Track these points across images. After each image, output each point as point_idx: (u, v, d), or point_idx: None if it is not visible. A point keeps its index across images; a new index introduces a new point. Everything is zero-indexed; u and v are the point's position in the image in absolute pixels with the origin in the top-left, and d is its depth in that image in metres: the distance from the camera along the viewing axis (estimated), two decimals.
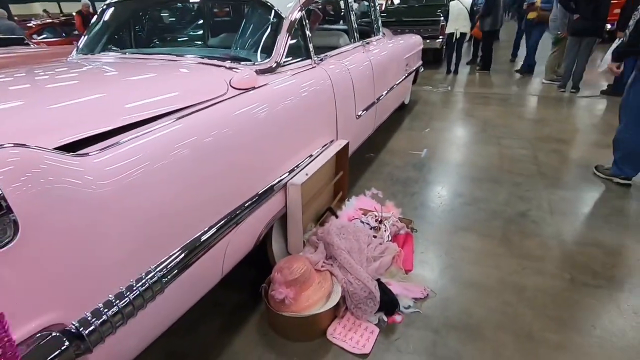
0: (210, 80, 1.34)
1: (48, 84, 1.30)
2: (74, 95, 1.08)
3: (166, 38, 2.30)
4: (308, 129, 1.67)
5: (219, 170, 1.14)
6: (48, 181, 0.70)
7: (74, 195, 0.74)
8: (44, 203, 0.70)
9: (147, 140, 0.94)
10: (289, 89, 1.54)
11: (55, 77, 1.40)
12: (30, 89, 1.23)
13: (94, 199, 0.77)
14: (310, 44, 1.82)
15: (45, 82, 1.33)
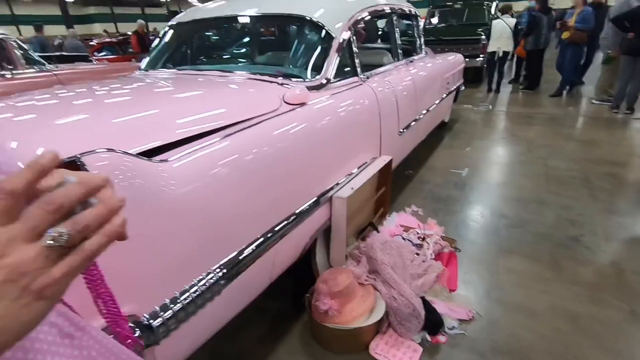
0: (265, 96, 1.42)
1: (119, 97, 1.44)
2: (145, 108, 1.19)
3: (221, 55, 2.46)
4: (354, 144, 1.71)
5: (273, 181, 1.19)
6: (134, 182, 0.78)
7: (154, 195, 0.81)
8: (130, 202, 0.77)
9: (215, 149, 1.01)
10: (338, 106, 1.59)
11: (127, 91, 1.54)
12: (106, 101, 1.36)
13: (171, 200, 0.85)
14: (357, 62, 1.88)
15: (117, 95, 1.47)
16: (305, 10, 1.78)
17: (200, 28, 2.25)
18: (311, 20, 1.73)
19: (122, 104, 1.28)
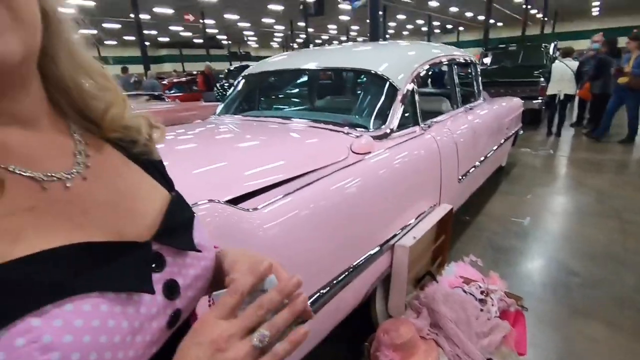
0: (334, 145, 1.51)
1: (203, 146, 1.60)
2: (227, 157, 1.32)
3: (289, 104, 2.65)
4: (416, 192, 1.72)
5: (341, 229, 1.24)
6: (230, 228, 0.87)
7: (246, 237, 0.89)
8: (224, 238, 0.86)
9: (295, 198, 1.09)
10: (400, 155, 1.64)
11: (208, 139, 1.71)
12: (193, 150, 1.53)
13: (259, 241, 0.92)
14: (418, 112, 1.94)
15: (200, 143, 1.65)
16: (371, 64, 1.89)
17: (270, 79, 2.46)
18: (376, 73, 1.83)
19: (206, 153, 1.43)
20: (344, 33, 31.88)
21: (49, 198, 0.31)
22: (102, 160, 0.38)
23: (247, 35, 32.17)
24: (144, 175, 0.42)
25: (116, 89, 0.40)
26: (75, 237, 0.31)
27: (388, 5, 18.96)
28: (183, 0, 17.26)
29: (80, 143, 0.37)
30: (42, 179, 0.31)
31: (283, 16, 22.93)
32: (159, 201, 0.41)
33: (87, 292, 0.29)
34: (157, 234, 0.37)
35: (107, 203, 0.35)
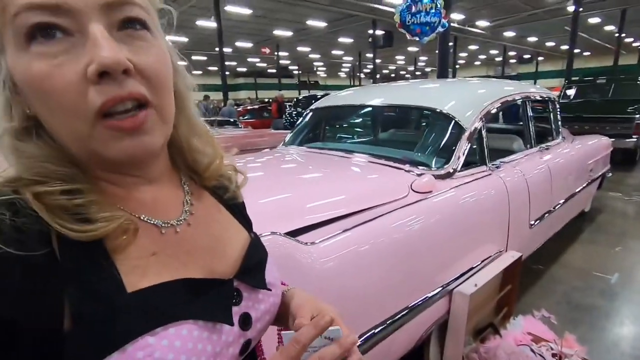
0: (395, 182, 1.51)
1: (267, 174, 1.72)
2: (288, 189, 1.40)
3: (351, 138, 2.73)
4: (479, 236, 1.64)
5: (397, 269, 1.23)
6: (289, 260, 0.92)
7: (303, 270, 0.94)
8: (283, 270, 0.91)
9: (351, 234, 1.12)
10: (464, 196, 1.58)
11: (272, 168, 1.83)
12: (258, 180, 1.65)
13: (314, 277, 0.96)
14: (486, 151, 1.86)
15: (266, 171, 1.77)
16: (437, 102, 1.89)
17: (336, 113, 2.57)
18: (441, 112, 1.82)
19: (271, 183, 1.54)
20: (412, 63, 31.91)
21: (165, 241, 0.39)
22: (202, 207, 0.46)
23: (316, 66, 33.82)
24: (231, 219, 0.50)
25: (215, 145, 0.49)
26: (180, 273, 0.38)
27: (459, 36, 18.67)
28: (261, 36, 18.87)
29: (188, 194, 0.45)
30: (162, 225, 0.40)
31: (352, 48, 23.77)
32: (241, 243, 0.48)
33: (185, 320, 0.35)
34: (237, 273, 0.44)
35: (204, 245, 0.43)
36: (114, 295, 0.32)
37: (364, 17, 14.67)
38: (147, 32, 0.34)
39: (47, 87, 0.30)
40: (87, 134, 0.32)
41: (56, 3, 0.29)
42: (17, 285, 0.29)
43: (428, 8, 4.35)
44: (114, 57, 0.29)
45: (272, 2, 12.87)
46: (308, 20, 15.65)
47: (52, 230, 0.31)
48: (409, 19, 4.46)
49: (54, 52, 0.30)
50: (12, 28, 0.30)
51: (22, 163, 0.33)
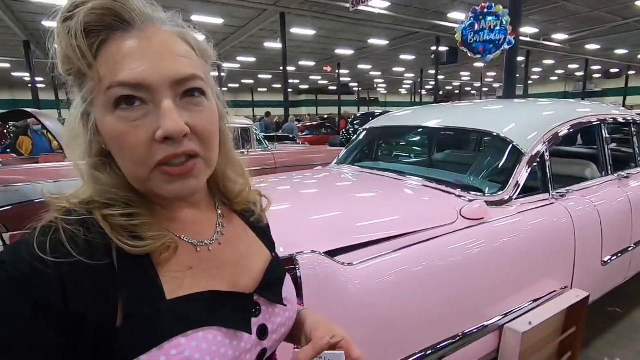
0: (442, 207, 1.48)
1: (317, 192, 1.78)
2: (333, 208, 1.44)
3: (402, 159, 2.71)
4: (536, 270, 1.52)
5: (442, 297, 1.20)
6: (326, 279, 0.96)
7: (339, 291, 0.97)
8: (319, 289, 0.95)
9: (392, 257, 1.12)
10: (520, 226, 1.49)
11: (322, 186, 1.89)
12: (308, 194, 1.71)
13: (351, 297, 0.98)
14: (549, 178, 1.73)
15: (316, 189, 1.83)
16: (494, 125, 1.81)
17: (390, 133, 2.57)
18: (498, 136, 1.74)
19: (319, 201, 1.59)
20: (478, 79, 30.45)
21: (199, 257, 0.47)
22: (232, 228, 0.54)
23: (377, 82, 33.87)
24: (256, 239, 0.56)
25: (246, 175, 0.56)
26: (210, 286, 0.45)
27: (532, 50, 17.46)
28: (323, 55, 19.50)
29: (220, 216, 0.53)
30: (197, 244, 0.47)
31: (413, 64, 23.46)
32: (263, 261, 0.54)
33: (211, 326, 0.41)
34: (257, 288, 0.50)
35: (231, 262, 0.50)
36: (156, 300, 0.40)
37: (427, 34, 14.46)
38: (203, 97, 0.43)
39: (124, 143, 0.39)
40: (146, 177, 0.41)
41: (139, 82, 0.38)
42: (87, 287, 0.37)
43: (492, 25, 4.17)
44: (176, 128, 0.38)
45: (335, 23, 13.29)
46: (370, 39, 15.85)
47: (113, 245, 0.39)
48: (471, 37, 4.31)
49: (132, 117, 0.39)
50: (104, 96, 0.39)
51: (96, 188, 0.42)
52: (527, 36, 14.35)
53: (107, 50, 0.39)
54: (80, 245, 0.38)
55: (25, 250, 0.37)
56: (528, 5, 11.25)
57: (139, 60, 0.38)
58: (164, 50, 0.39)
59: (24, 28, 12.85)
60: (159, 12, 0.43)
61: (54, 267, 0.36)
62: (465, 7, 11.42)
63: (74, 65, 0.39)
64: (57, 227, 0.38)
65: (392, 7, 11.47)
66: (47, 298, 0.36)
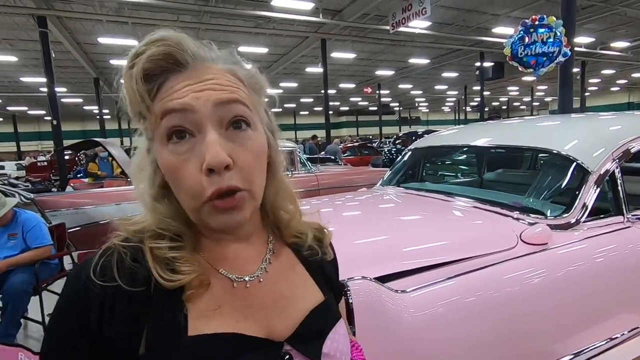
0: (500, 230, 1.38)
1: (363, 215, 1.74)
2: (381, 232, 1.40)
3: (452, 179, 2.61)
4: (611, 303, 1.35)
5: (501, 330, 1.10)
6: (378, 307, 0.92)
7: (391, 319, 0.92)
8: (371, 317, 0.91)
9: (447, 285, 1.06)
10: (590, 252, 1.35)
11: (368, 208, 1.86)
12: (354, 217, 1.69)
13: (403, 325, 0.93)
14: (622, 199, 1.56)
15: (362, 212, 1.80)
16: (553, 142, 1.69)
17: (437, 153, 2.49)
18: (559, 153, 1.62)
19: (367, 224, 1.56)
20: (528, 94, 28.97)
21: (234, 293, 0.45)
22: (278, 265, 0.50)
23: (418, 101, 33.47)
24: (305, 278, 0.52)
25: (296, 203, 0.54)
26: (238, 327, 0.43)
27: (588, 60, 16.37)
28: (363, 76, 19.73)
29: (269, 252, 0.50)
30: (235, 279, 0.46)
31: (456, 81, 22.94)
32: (308, 304, 0.49)
33: None
34: (290, 337, 0.46)
35: (269, 303, 0.47)
36: (176, 336, 0.40)
37: (470, 50, 14.14)
38: (249, 129, 0.43)
39: (176, 175, 0.41)
40: (198, 209, 0.42)
41: (183, 107, 0.40)
42: (122, 311, 0.40)
43: (545, 38, 3.96)
44: (218, 161, 0.39)
45: (374, 45, 13.47)
46: (410, 59, 15.82)
47: (152, 275, 0.41)
48: (521, 51, 4.12)
49: (182, 150, 0.41)
50: (159, 128, 0.42)
51: (155, 217, 0.45)
52: (582, 46, 13.51)
53: (161, 91, 0.42)
54: (124, 271, 0.41)
55: (85, 269, 0.41)
56: (582, 15, 10.66)
57: (186, 92, 0.41)
58: (210, 83, 0.41)
59: (94, 67, 14.47)
60: (213, 51, 0.45)
61: (100, 288, 0.40)
62: (510, 21, 11.07)
63: (136, 108, 0.42)
64: (112, 251, 0.42)
65: (433, 27, 11.42)
66: (89, 317, 0.39)
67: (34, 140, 29.66)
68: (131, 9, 9.10)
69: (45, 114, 24.60)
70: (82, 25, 10.19)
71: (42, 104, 19.30)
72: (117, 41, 10.68)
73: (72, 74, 15.65)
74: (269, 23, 10.35)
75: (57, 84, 9.55)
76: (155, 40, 0.40)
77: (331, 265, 0.57)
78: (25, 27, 9.61)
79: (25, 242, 2.52)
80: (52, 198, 3.63)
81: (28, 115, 26.57)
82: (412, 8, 7.96)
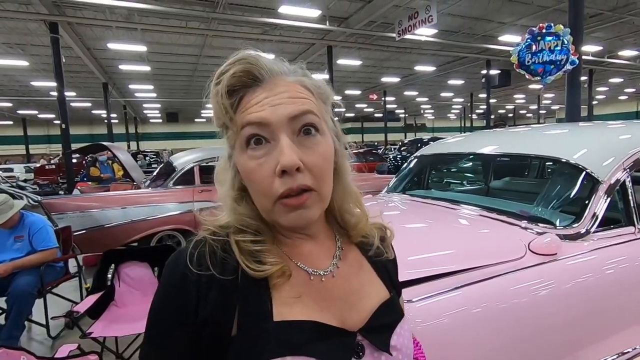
0: (508, 240, 1.36)
1: None
2: None
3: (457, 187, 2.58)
4: (622, 316, 1.32)
5: (509, 341, 1.08)
6: None
7: None
8: None
9: (454, 295, 1.04)
10: (601, 263, 1.32)
11: None
12: None
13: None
14: (633, 209, 1.53)
15: None
16: (563, 151, 1.66)
17: (444, 161, 2.48)
18: (568, 162, 1.59)
19: None
20: (535, 102, 28.83)
21: (311, 285, 0.50)
22: (347, 262, 0.54)
23: (423, 108, 33.45)
24: (372, 276, 0.56)
25: (363, 207, 0.57)
26: (316, 316, 0.47)
27: (596, 69, 16.28)
28: (369, 83, 19.80)
29: (339, 249, 0.54)
30: (311, 272, 0.50)
31: (462, 89, 22.91)
32: (376, 300, 0.53)
33: (308, 356, 0.44)
34: (362, 328, 0.49)
35: (341, 297, 0.51)
36: (264, 319, 0.45)
37: (476, 58, 14.14)
38: (318, 134, 0.48)
39: (253, 177, 0.46)
40: (270, 208, 0.46)
41: (261, 121, 0.45)
42: (215, 297, 0.45)
43: (553, 46, 3.94)
44: (291, 162, 0.44)
45: (380, 52, 13.53)
46: (416, 66, 15.85)
47: (239, 265, 0.46)
48: (528, 58, 4.10)
49: (259, 155, 0.46)
50: (239, 137, 0.47)
51: (234, 217, 0.50)
52: (590, 54, 13.45)
53: (242, 103, 0.47)
54: (216, 261, 0.46)
55: (181, 259, 0.47)
56: (589, 23, 10.62)
57: (262, 106, 0.46)
58: (282, 96, 0.46)
59: (103, 72, 14.69)
60: (284, 66, 0.50)
61: (196, 276, 0.45)
62: (516, 29, 11.07)
63: (221, 120, 0.48)
64: (204, 243, 0.48)
65: (439, 34, 11.45)
66: (187, 301, 0.45)
67: (43, 144, 30.09)
68: (140, 15, 9.26)
69: (54, 117, 25.00)
70: (92, 31, 10.39)
71: (52, 107, 19.62)
72: (126, 47, 10.84)
73: (82, 79, 15.92)
74: (275, 30, 10.45)
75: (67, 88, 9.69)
76: (237, 60, 0.47)
77: (392, 264, 0.61)
78: (37, 33, 9.82)
79: (31, 245, 2.53)
80: (58, 201, 3.66)
81: (38, 118, 27.02)
82: (418, 15, 7.99)
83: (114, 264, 2.16)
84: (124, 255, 2.21)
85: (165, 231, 3.86)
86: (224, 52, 9.65)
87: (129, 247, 3.40)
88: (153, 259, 2.21)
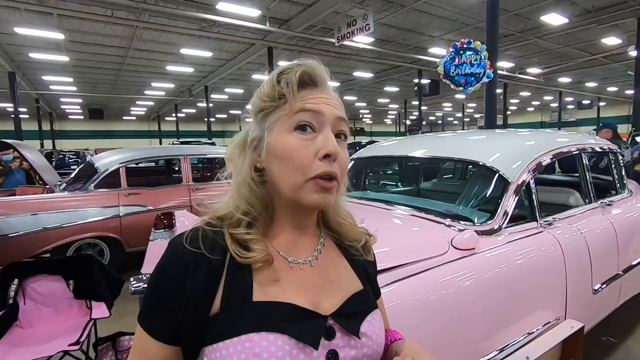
0: (433, 237, 1.46)
1: None
2: None
3: (389, 188, 2.72)
4: (530, 301, 1.49)
5: (434, 334, 1.15)
6: None
7: None
8: None
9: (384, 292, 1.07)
10: (511, 255, 1.48)
11: None
12: None
13: None
14: (536, 207, 1.75)
15: None
16: (480, 155, 1.84)
17: (377, 163, 2.59)
18: (484, 165, 1.76)
19: None
20: (460, 110, 31.61)
21: (290, 272, 0.56)
22: (327, 257, 0.61)
23: (362, 113, 34.75)
24: (348, 270, 0.62)
25: (352, 219, 0.65)
26: (292, 299, 0.53)
27: (509, 82, 18.36)
28: None
29: (321, 244, 0.61)
30: (291, 261, 0.57)
31: (398, 96, 24.27)
32: (350, 290, 0.59)
33: (282, 333, 0.49)
34: (334, 313, 0.55)
35: (317, 284, 0.57)
36: (245, 298, 0.51)
37: (409, 67, 15.09)
38: (345, 140, 0.58)
39: (295, 154, 0.52)
40: (301, 185, 0.52)
41: (317, 110, 0.54)
42: (202, 274, 0.51)
43: (472, 60, 4.38)
44: (335, 149, 0.53)
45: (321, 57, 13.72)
46: (355, 72, 16.42)
47: (229, 250, 0.53)
48: (452, 70, 4.51)
49: (305, 138, 0.53)
50: (290, 120, 0.54)
51: (236, 202, 0.56)
52: (504, 70, 15.13)
53: (299, 95, 0.55)
54: (207, 243, 0.53)
55: (178, 240, 0.54)
56: (503, 42, 11.93)
57: (319, 100, 0.55)
58: (333, 100, 0.57)
59: (9, 59, 12.85)
60: (329, 79, 0.59)
61: (189, 254, 0.52)
62: (444, 43, 12.04)
63: (270, 104, 0.55)
64: (198, 228, 0.54)
65: (376, 43, 12.00)
66: (179, 276, 0.51)
67: None
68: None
69: None
70: None
71: None
72: (38, 32, 9.60)
73: None
74: (213, 27, 10.07)
75: None
76: (303, 64, 0.56)
77: (372, 266, 0.68)
78: None
79: None
80: None
81: None
82: (356, 23, 8.29)
83: (17, 278, 1.88)
84: (30, 268, 1.93)
85: (85, 239, 3.48)
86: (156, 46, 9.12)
87: (37, 259, 2.98)
88: (67, 270, 1.96)
